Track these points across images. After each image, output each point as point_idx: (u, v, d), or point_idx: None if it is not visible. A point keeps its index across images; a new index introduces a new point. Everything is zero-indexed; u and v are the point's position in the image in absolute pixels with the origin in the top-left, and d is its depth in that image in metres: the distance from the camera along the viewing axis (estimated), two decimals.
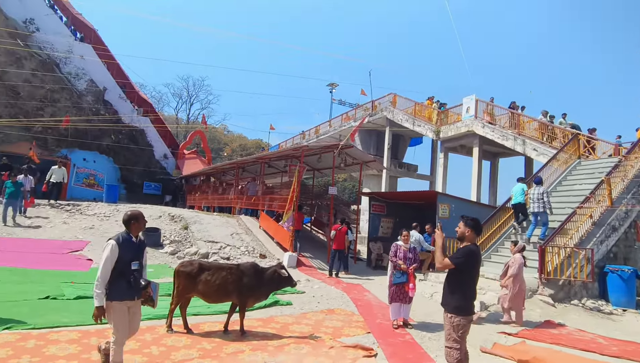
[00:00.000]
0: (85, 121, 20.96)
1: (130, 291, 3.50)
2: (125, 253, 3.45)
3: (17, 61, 21.32)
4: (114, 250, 3.40)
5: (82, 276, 7.76)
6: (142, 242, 3.74)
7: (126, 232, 3.59)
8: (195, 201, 21.66)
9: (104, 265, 3.36)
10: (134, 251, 3.57)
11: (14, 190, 11.61)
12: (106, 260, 3.37)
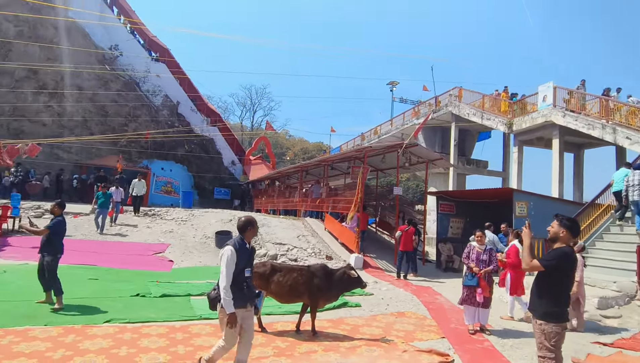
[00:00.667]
0: (162, 134, 22.77)
1: (244, 299, 3.41)
2: (240, 259, 3.38)
3: (105, 83, 23.85)
4: (234, 256, 3.33)
5: (165, 276, 8.40)
6: (253, 249, 3.70)
7: (241, 238, 3.51)
8: (261, 204, 22.49)
9: (227, 270, 3.29)
10: (247, 258, 3.52)
11: (104, 200, 12.52)
12: (228, 266, 3.29)
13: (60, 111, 21.96)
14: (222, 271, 3.30)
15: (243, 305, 3.39)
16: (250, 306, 3.51)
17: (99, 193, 12.67)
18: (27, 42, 21.53)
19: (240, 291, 3.37)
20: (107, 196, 12.75)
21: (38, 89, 21.51)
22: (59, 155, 20.99)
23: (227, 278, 3.27)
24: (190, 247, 12.01)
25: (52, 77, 21.85)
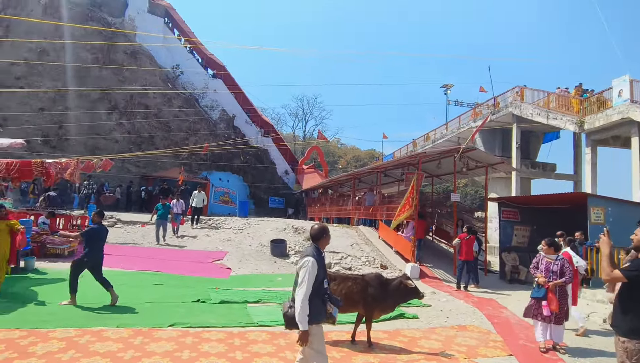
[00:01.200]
0: (219, 146, 23.85)
1: (321, 315, 3.20)
2: (320, 270, 3.16)
3: (168, 101, 25.56)
4: (314, 267, 3.09)
5: (224, 282, 8.68)
6: (324, 258, 3.48)
7: (316, 247, 3.28)
8: (315, 213, 22.65)
9: (308, 283, 3.05)
10: (324, 268, 3.31)
11: (163, 212, 12.88)
12: (310, 278, 3.05)
13: (130, 128, 23.85)
14: (303, 284, 3.04)
15: (319, 321, 3.17)
16: (329, 318, 3.35)
17: (159, 205, 13.00)
18: (101, 66, 23.74)
19: (322, 303, 3.18)
20: (166, 208, 13.06)
21: (110, 109, 23.58)
22: (129, 169, 22.74)
23: (307, 292, 3.03)
24: (246, 255, 12.35)
25: (122, 97, 23.85)
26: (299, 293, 3.04)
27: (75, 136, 22.35)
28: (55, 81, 22.42)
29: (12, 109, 21.00)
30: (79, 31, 24.21)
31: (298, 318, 2.99)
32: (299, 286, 3.06)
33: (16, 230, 6.68)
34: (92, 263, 6.33)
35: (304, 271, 3.07)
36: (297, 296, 3.04)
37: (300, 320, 2.99)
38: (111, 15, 27.05)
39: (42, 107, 21.88)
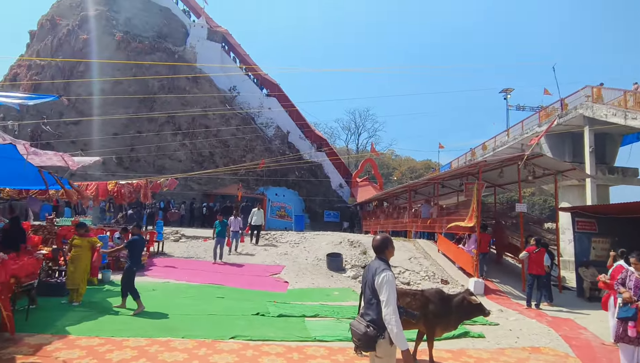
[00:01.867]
0: (275, 162, 24.54)
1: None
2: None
3: (227, 121, 26.92)
4: (394, 281, 2.89)
5: (282, 296, 8.78)
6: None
7: (384, 260, 3.08)
8: (370, 226, 22.34)
9: (393, 298, 2.83)
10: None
11: (220, 229, 12.57)
12: (394, 294, 2.85)
13: (192, 148, 25.39)
14: (389, 302, 2.80)
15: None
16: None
17: (216, 222, 12.79)
18: (167, 94, 25.67)
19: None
20: (223, 225, 12.78)
21: (175, 131, 25.32)
22: (191, 186, 24.11)
23: (394, 308, 2.80)
24: (303, 269, 12.43)
25: (185, 120, 25.54)
26: (389, 311, 2.81)
27: (144, 157, 24.26)
28: (127, 108, 24.59)
29: (92, 135, 23.31)
30: (147, 61, 26.48)
31: (396, 338, 2.76)
32: (386, 304, 2.82)
33: (95, 247, 7.38)
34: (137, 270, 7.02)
35: (386, 287, 2.84)
36: (387, 314, 2.81)
37: (399, 339, 2.76)
38: (175, 45, 29.33)
39: (115, 132, 24.02)
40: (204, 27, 30.42)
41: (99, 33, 27.07)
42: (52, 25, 27.81)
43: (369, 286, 2.99)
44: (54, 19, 28.00)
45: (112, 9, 28.95)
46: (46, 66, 25.89)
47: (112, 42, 26.94)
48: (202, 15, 31.75)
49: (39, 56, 26.51)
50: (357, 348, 3.08)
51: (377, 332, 2.83)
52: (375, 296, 2.92)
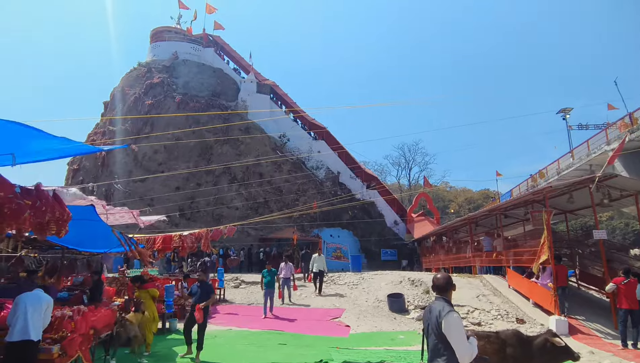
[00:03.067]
0: (327, 203, 24.69)
1: None
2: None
3: (279, 167, 27.87)
4: (462, 323, 2.77)
5: (344, 341, 8.48)
6: None
7: (446, 300, 2.93)
8: (431, 263, 21.34)
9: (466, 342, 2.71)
10: None
11: (269, 280, 11.48)
12: (464, 336, 2.73)
13: (247, 196, 26.39)
14: (460, 344, 2.66)
15: None
16: None
17: (264, 272, 11.77)
18: (222, 146, 27.32)
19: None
20: (272, 274, 11.76)
21: (231, 181, 26.58)
22: (249, 232, 24.79)
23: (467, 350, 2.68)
24: (364, 312, 12.01)
25: (240, 169, 26.80)
26: (463, 356, 2.65)
27: (204, 207, 25.56)
28: (187, 163, 26.38)
29: (156, 190, 25.11)
30: (203, 118, 28.61)
31: None
32: (459, 348, 2.67)
33: (156, 297, 7.72)
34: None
35: (455, 329, 2.68)
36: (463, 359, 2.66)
37: None
38: (227, 101, 31.58)
39: (178, 186, 25.69)
40: (253, 81, 32.55)
41: (161, 98, 29.93)
42: (122, 95, 31.26)
43: (434, 330, 2.82)
44: (123, 90, 31.51)
45: (172, 75, 32.06)
46: (117, 131, 28.87)
47: (173, 104, 29.57)
48: (250, 71, 34.09)
49: (112, 123, 29.71)
50: None
51: None
52: (442, 341, 2.74)
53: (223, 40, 38.24)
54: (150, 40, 36.48)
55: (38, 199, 4.25)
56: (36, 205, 4.19)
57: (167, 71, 32.29)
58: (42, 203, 4.29)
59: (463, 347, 2.63)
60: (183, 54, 33.89)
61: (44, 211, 4.29)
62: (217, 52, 36.58)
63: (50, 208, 4.43)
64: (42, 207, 4.26)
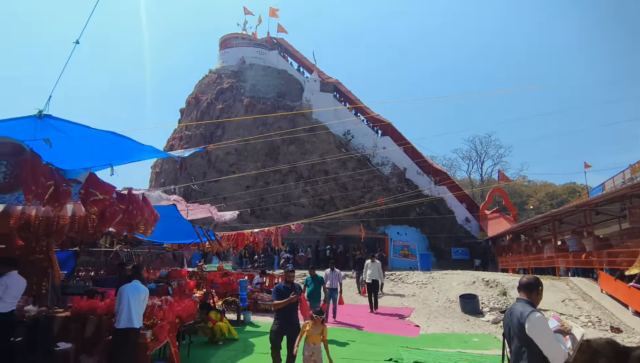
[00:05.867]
0: (393, 200, 24.25)
1: None
2: None
3: (344, 164, 27.96)
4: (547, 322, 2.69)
5: (414, 341, 8.27)
6: None
7: (528, 302, 2.81)
8: (507, 263, 19.99)
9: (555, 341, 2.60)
10: None
11: (313, 288, 8.65)
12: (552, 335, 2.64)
13: (313, 193, 26.88)
14: (549, 345, 2.52)
15: None
16: None
17: (307, 278, 8.91)
18: (288, 145, 28.11)
19: None
20: (317, 283, 8.74)
21: (297, 179, 27.26)
22: (315, 229, 25.23)
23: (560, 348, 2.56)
24: (434, 312, 11.62)
25: (306, 167, 27.34)
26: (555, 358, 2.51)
27: (272, 205, 26.53)
28: (255, 163, 27.55)
29: (229, 189, 26.58)
30: (269, 119, 29.68)
31: None
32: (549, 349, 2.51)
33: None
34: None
35: (540, 330, 2.54)
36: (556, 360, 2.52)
37: None
38: (292, 101, 32.39)
39: (248, 185, 26.95)
40: (316, 80, 32.99)
41: (231, 102, 31.60)
42: (195, 102, 33.55)
43: (517, 333, 2.67)
44: (197, 96, 33.79)
45: (240, 80, 33.68)
46: (192, 135, 31.05)
47: (242, 107, 31.05)
48: (314, 70, 34.60)
49: (187, 128, 32.02)
50: None
51: None
52: (526, 344, 2.59)
53: (286, 42, 39.30)
54: (220, 48, 38.67)
55: (130, 204, 4.76)
56: (129, 209, 4.70)
57: (235, 76, 33.99)
58: (134, 206, 4.80)
59: (552, 347, 2.48)
60: (249, 58, 35.42)
61: (135, 214, 4.80)
62: (281, 54, 37.67)
63: (140, 211, 4.94)
64: (134, 211, 4.77)
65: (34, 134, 3.20)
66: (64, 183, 3.90)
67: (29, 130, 3.18)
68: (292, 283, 5.62)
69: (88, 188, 4.13)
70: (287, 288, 5.43)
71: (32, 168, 3.52)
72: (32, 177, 3.50)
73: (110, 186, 4.37)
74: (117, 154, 4.17)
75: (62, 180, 3.90)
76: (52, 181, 3.76)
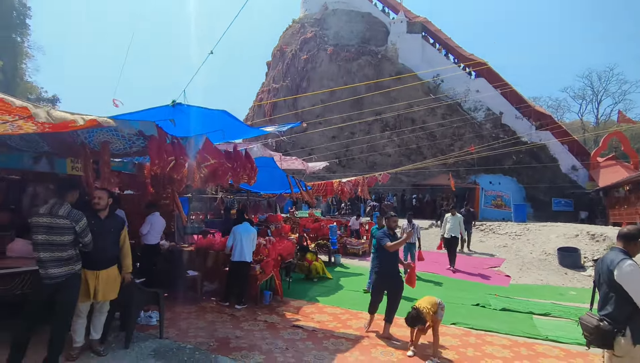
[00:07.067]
0: (486, 148, 22.81)
1: None
2: None
3: (432, 111, 26.74)
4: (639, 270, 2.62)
5: (503, 290, 8.25)
6: None
7: (624, 251, 2.74)
8: (621, 216, 17.97)
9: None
10: None
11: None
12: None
13: (399, 142, 26.45)
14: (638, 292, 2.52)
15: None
16: None
17: (374, 229, 7.97)
18: (373, 93, 27.58)
19: None
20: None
21: (383, 128, 26.95)
22: (401, 179, 25.13)
23: None
24: (527, 263, 11.25)
25: (392, 116, 26.78)
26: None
27: (358, 155, 26.85)
28: (341, 113, 27.74)
29: (315, 140, 27.44)
30: (354, 67, 29.20)
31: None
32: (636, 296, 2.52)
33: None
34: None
35: (631, 277, 2.52)
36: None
37: None
38: (377, 45, 31.18)
39: (334, 136, 27.47)
40: (403, 21, 31.04)
41: (315, 51, 31.56)
42: (280, 54, 34.18)
43: (606, 280, 2.72)
44: (282, 48, 34.34)
45: (323, 28, 33.19)
46: (279, 87, 32.08)
47: (326, 56, 30.91)
48: (400, 10, 32.49)
49: (274, 81, 33.09)
50: (588, 343, 2.85)
51: (613, 327, 2.57)
52: (615, 290, 2.64)
53: None
54: None
55: (236, 161, 5.50)
56: (234, 166, 5.47)
57: (318, 24, 33.53)
58: (238, 163, 5.56)
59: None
60: (332, 3, 34.39)
61: (240, 170, 5.59)
62: None
63: (243, 165, 5.69)
64: (238, 168, 5.54)
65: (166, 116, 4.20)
66: (182, 155, 4.75)
67: (166, 114, 4.19)
68: (394, 230, 5.31)
69: (203, 153, 4.94)
70: (390, 234, 5.18)
71: (158, 146, 4.51)
72: (156, 153, 4.51)
73: (220, 151, 5.18)
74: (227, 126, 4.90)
75: (182, 153, 4.76)
76: (173, 157, 4.69)
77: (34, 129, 3.21)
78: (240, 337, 4.75)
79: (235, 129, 5.12)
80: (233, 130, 5.09)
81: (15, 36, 38.64)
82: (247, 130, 5.45)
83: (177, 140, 4.80)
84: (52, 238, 3.40)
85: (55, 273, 3.40)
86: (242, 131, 5.42)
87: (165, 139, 4.58)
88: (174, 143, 4.74)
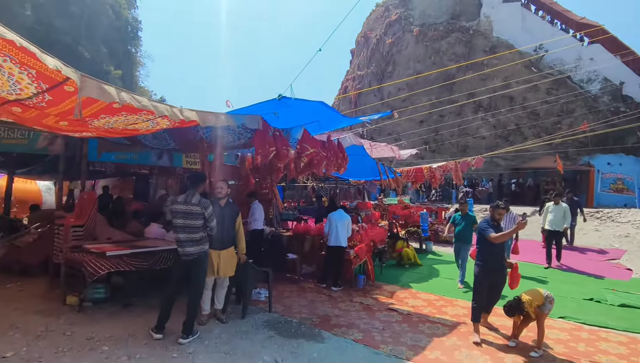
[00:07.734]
0: (603, 124, 20.02)
1: None
2: None
3: (534, 87, 24.20)
4: None
5: (622, 285, 7.38)
6: None
7: None
8: None
9: None
10: None
11: (463, 228, 7.05)
12: None
13: (495, 123, 24.54)
14: None
15: None
16: None
17: (456, 215, 7.43)
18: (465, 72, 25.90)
19: None
20: (468, 221, 7.08)
21: (475, 109, 25.23)
22: (498, 163, 23.39)
23: None
24: None
25: (486, 95, 24.90)
26: None
27: (448, 139, 25.62)
28: (428, 95, 26.61)
29: (402, 126, 26.85)
30: (443, 46, 27.73)
31: None
32: None
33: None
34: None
35: None
36: None
37: None
38: (468, 20, 29.02)
39: (422, 120, 26.57)
40: None
41: (400, 34, 30.63)
42: (365, 40, 33.84)
43: None
44: (366, 34, 33.97)
45: (408, 8, 31.94)
46: (364, 75, 31.90)
47: (412, 38, 29.81)
48: None
49: (359, 68, 32.96)
50: None
51: None
52: None
53: None
54: None
55: (329, 150, 5.82)
56: (328, 155, 5.80)
57: (403, 5, 32.35)
58: (332, 153, 5.88)
59: None
60: None
61: (333, 159, 5.92)
62: None
63: (335, 154, 5.99)
64: (332, 157, 5.87)
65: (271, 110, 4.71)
66: (284, 146, 5.19)
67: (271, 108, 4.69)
68: (499, 221, 4.83)
69: (303, 143, 5.33)
70: (494, 226, 4.69)
71: (262, 138, 5.02)
72: (260, 144, 5.01)
73: (317, 141, 5.54)
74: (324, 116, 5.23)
75: (283, 144, 5.20)
76: (274, 147, 5.17)
77: (167, 124, 3.89)
78: (340, 315, 5.10)
79: (330, 120, 5.42)
80: (329, 120, 5.40)
81: (130, 48, 44.46)
82: (342, 120, 5.72)
83: (279, 132, 5.25)
84: (187, 222, 4.12)
85: (191, 251, 4.12)
86: (336, 121, 5.72)
87: (268, 131, 5.06)
88: (275, 135, 5.20)
